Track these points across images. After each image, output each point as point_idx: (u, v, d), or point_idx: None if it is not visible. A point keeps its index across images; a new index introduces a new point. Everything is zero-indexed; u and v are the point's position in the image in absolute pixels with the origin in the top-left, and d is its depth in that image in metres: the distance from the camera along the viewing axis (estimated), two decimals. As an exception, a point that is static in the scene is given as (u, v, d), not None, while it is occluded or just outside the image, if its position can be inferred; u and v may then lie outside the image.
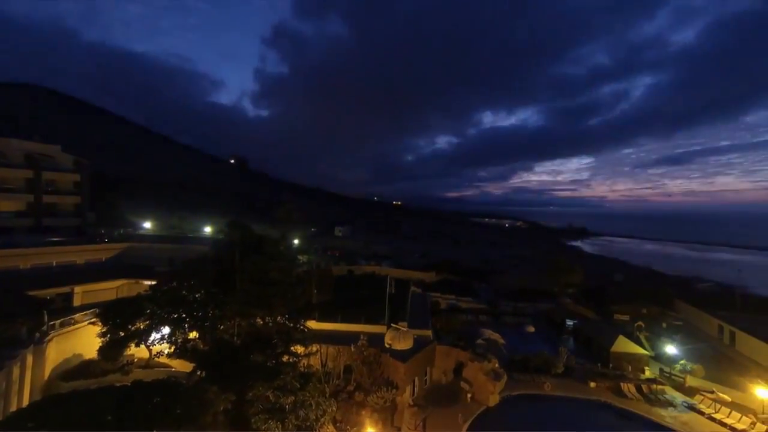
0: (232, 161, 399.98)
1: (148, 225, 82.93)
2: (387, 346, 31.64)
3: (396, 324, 35.76)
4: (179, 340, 29.25)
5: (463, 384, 31.78)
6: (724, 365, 39.59)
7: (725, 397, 31.26)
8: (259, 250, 30.13)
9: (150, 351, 31.59)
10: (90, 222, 55.60)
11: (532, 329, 48.45)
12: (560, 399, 31.59)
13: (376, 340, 32.06)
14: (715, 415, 28.87)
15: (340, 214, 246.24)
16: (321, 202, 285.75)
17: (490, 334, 43.19)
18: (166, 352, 30.86)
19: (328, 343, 31.81)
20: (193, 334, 29.93)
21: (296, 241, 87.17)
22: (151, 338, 30.82)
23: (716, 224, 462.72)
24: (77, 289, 36.07)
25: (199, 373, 25.34)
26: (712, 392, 31.96)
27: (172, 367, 31.29)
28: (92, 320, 30.99)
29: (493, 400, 29.90)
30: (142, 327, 30.03)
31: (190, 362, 26.91)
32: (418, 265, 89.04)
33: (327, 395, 24.12)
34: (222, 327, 28.68)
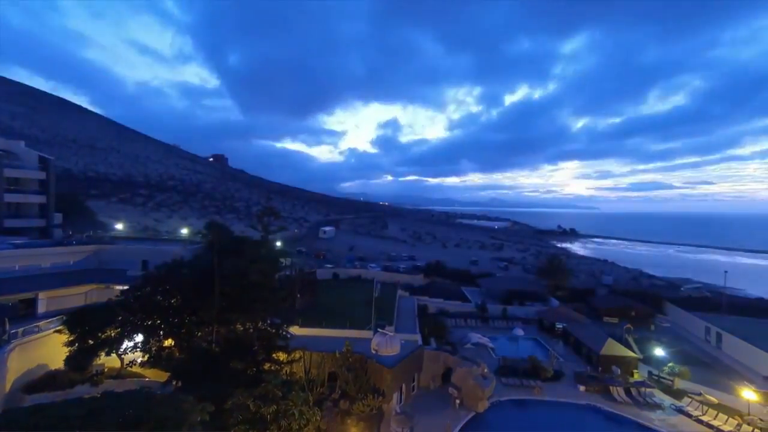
0: (211, 159, 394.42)
1: (120, 226, 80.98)
2: (373, 351, 31.59)
3: (382, 329, 35.75)
4: (153, 348, 28.64)
5: (451, 390, 31.94)
6: (711, 367, 40.92)
7: (712, 399, 32.30)
8: (239, 252, 29.71)
9: (122, 360, 30.85)
10: (56, 223, 53.92)
11: (521, 333, 49.14)
12: (550, 403, 32.10)
13: (362, 345, 31.98)
14: (702, 417, 29.78)
15: (324, 214, 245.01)
16: (305, 203, 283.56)
17: (478, 338, 43.63)
18: (139, 361, 30.18)
19: (312, 350, 31.58)
20: (168, 342, 29.34)
21: (278, 243, 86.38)
22: (123, 346, 30.14)
23: (704, 226, 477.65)
24: (42, 295, 34.92)
25: (174, 382, 24.83)
26: (700, 394, 32.97)
27: (145, 377, 30.60)
28: (58, 328, 30.08)
29: (482, 405, 30.16)
30: (113, 335, 29.30)
31: (165, 371, 26.39)
32: (405, 267, 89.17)
33: (310, 404, 23.90)
34: (199, 334, 28.19)
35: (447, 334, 45.75)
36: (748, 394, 30.30)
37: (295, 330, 32.54)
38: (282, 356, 28.11)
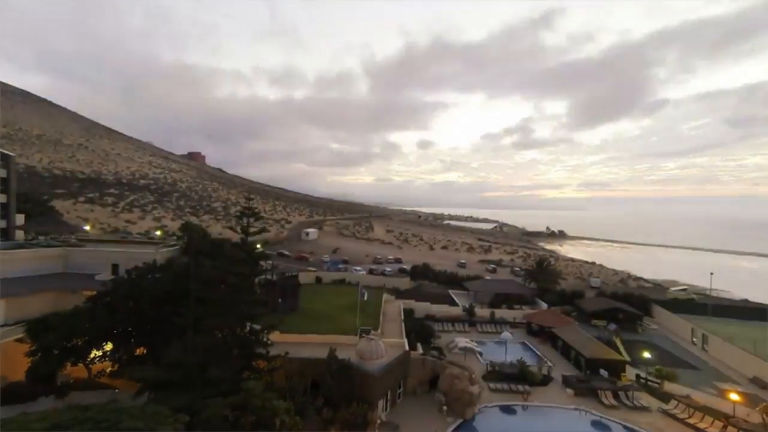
0: (187, 156, 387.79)
1: (88, 228, 78.90)
2: (358, 357, 31.52)
3: (367, 334, 35.69)
4: (124, 357, 27.93)
5: (438, 396, 32.12)
6: (697, 369, 42.28)
7: (698, 401, 33.34)
8: (217, 255, 29.27)
9: (89, 370, 30.00)
10: (18, 224, 52.11)
11: (509, 337, 49.69)
12: (538, 408, 32.60)
13: (346, 351, 31.85)
14: (689, 420, 30.70)
15: (307, 215, 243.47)
16: (287, 204, 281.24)
17: (466, 342, 43.93)
18: (108, 370, 29.42)
19: (294, 356, 31.30)
20: (140, 350, 28.65)
21: (258, 246, 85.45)
22: (91, 356, 29.34)
23: (693, 227, 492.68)
24: (1, 302, 33.68)
25: (146, 393, 24.28)
26: (687, 397, 33.99)
27: (115, 388, 29.82)
28: (20, 337, 29.06)
29: (470, 412, 30.40)
30: (80, 343, 28.47)
31: (137, 381, 25.77)
32: (391, 270, 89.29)
33: (292, 413, 23.67)
34: (173, 341, 27.62)
35: (434, 338, 45.98)
36: (734, 395, 31.41)
37: (276, 336, 32.18)
38: (262, 364, 27.78)
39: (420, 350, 38.58)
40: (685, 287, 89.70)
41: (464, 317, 56.66)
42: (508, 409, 32.37)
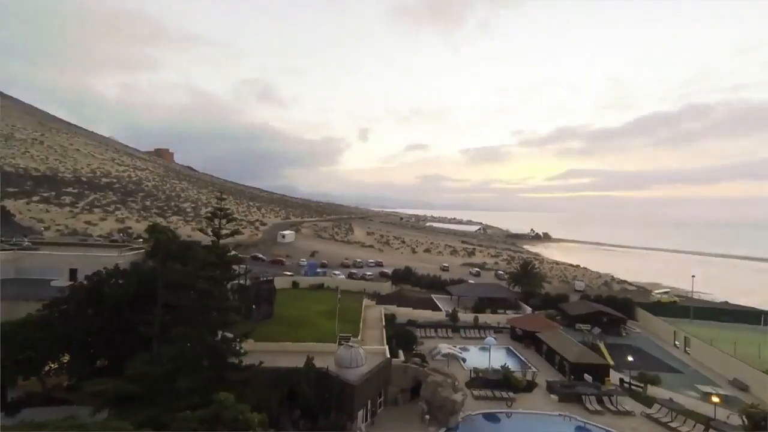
0: (154, 153, 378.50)
1: (43, 230, 76.05)
2: (336, 366, 31.34)
3: (347, 341, 35.53)
4: (83, 370, 26.97)
5: (420, 404, 32.23)
6: (679, 372, 43.85)
7: (681, 404, 34.58)
8: (186, 259, 28.62)
9: (44, 384, 28.85)
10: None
11: (493, 342, 50.34)
12: (523, 415, 33.10)
13: (325, 359, 31.64)
14: (671, 424, 31.79)
15: (284, 217, 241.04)
16: (261, 204, 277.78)
17: (449, 348, 44.30)
18: (65, 384, 28.45)
19: (269, 365, 30.88)
20: (100, 362, 27.76)
21: (231, 249, 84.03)
22: (46, 369, 28.29)
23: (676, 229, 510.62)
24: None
25: (108, 408, 23.52)
26: (669, 400, 35.23)
27: (73, 403, 28.78)
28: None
29: (453, 420, 30.63)
30: (33, 355, 27.36)
31: (97, 396, 24.94)
32: (371, 274, 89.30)
33: (267, 425, 23.34)
34: (138, 351, 26.86)
35: (416, 345, 46.14)
36: (714, 398, 32.75)
37: (249, 345, 31.72)
38: (235, 374, 27.29)
39: (402, 357, 38.63)
40: (667, 290, 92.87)
41: (447, 322, 57.07)
42: (492, 417, 32.75)
